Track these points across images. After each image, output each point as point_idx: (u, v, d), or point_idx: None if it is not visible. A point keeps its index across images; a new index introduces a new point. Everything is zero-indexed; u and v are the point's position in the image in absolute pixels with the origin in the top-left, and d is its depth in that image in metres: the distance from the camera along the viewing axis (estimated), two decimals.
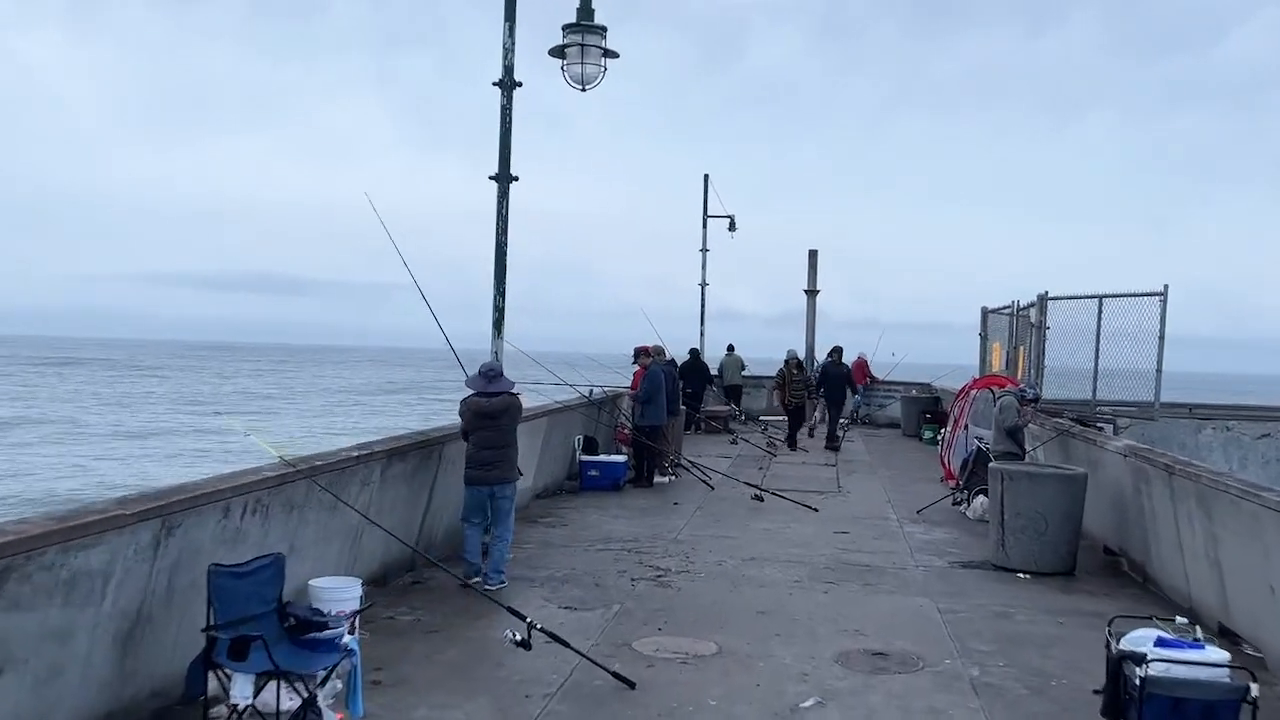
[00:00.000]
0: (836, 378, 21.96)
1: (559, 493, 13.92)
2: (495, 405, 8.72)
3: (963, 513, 13.32)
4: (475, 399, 8.72)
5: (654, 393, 14.87)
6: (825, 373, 22.15)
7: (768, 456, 19.10)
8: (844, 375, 22.25)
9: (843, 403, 22.33)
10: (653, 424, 15.00)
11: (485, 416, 8.69)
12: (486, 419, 8.68)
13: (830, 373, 22.02)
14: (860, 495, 14.93)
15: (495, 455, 8.72)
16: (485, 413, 8.69)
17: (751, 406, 27.88)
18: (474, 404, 8.71)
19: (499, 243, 9.95)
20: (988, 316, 20.66)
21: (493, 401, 8.72)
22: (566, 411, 14.22)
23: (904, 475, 17.32)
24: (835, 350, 22.54)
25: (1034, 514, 9.95)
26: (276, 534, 6.61)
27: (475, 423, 8.69)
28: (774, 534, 11.64)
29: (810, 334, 27.86)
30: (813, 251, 28.24)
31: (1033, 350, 15.53)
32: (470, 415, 8.71)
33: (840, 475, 17.00)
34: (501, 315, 9.99)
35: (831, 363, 22.22)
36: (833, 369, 22.06)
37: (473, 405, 8.71)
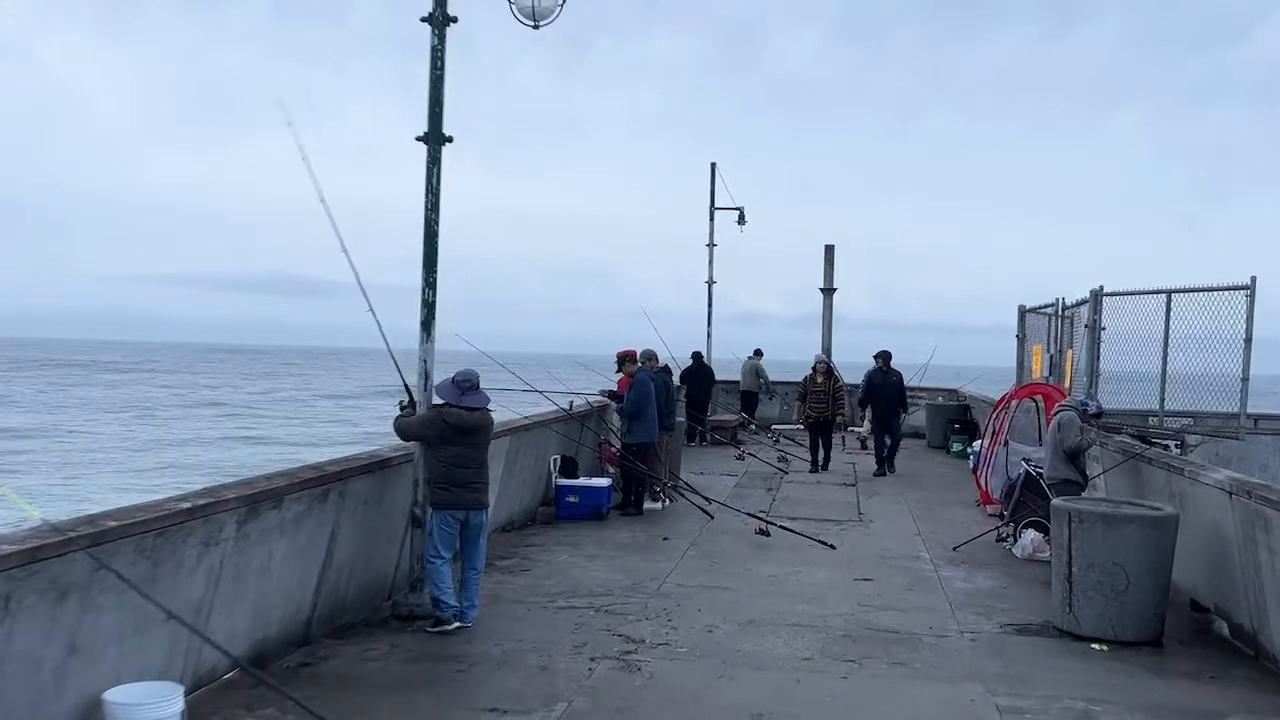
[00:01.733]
0: (886, 390, 17.52)
1: (529, 524, 11.81)
2: (477, 419, 7.71)
3: (1009, 550, 11.15)
4: (454, 410, 7.60)
5: (642, 405, 12.74)
6: (871, 384, 17.81)
7: (779, 475, 16.92)
8: (895, 386, 17.54)
9: (897, 423, 17.72)
10: (641, 442, 12.87)
11: (464, 431, 7.60)
12: (464, 434, 7.60)
13: (877, 384, 17.63)
14: (885, 524, 12.75)
15: (473, 475, 7.67)
16: (465, 426, 7.60)
17: (766, 415, 25.74)
18: (453, 415, 7.58)
19: (428, 221, 7.85)
20: (1025, 316, 18.43)
21: (473, 416, 7.67)
22: (538, 428, 12.10)
23: (933, 497, 15.12)
24: (883, 355, 17.85)
25: (1110, 566, 7.77)
26: (34, 634, 4.52)
27: (451, 436, 7.56)
28: (781, 582, 9.49)
29: (827, 334, 25.69)
30: (829, 247, 26.11)
31: (1084, 354, 13.32)
32: (446, 427, 7.56)
33: (860, 498, 14.81)
34: (432, 312, 7.88)
35: (879, 370, 17.74)
36: (880, 379, 17.64)
37: (451, 416, 7.58)
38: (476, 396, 7.74)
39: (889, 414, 17.65)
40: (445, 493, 7.58)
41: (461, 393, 7.67)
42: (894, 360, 20.57)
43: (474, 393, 7.73)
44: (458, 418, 7.56)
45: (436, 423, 7.58)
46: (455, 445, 7.57)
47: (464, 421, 7.58)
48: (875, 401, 17.91)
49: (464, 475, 7.59)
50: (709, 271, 25.07)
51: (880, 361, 17.89)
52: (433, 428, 7.59)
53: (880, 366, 17.83)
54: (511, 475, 11.11)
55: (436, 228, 7.85)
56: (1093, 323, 13.16)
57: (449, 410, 7.58)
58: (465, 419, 7.59)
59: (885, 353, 18.02)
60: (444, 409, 7.60)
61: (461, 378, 7.76)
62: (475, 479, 7.68)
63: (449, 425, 7.54)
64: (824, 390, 17.53)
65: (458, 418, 7.56)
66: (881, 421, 17.72)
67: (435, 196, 7.83)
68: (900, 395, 17.73)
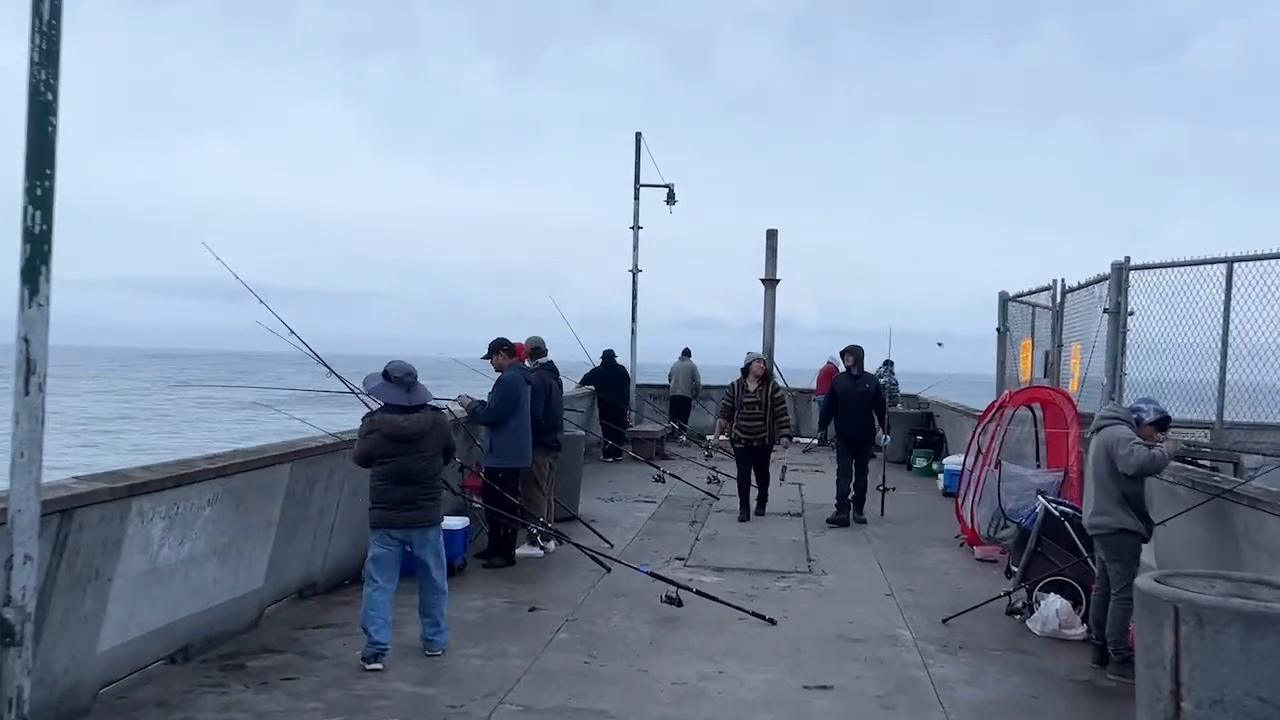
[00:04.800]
0: (856, 402, 12.47)
1: (340, 586, 8.25)
2: (417, 425, 6.63)
3: (1022, 622, 7.84)
4: (388, 418, 6.57)
5: (507, 414, 9.23)
6: (836, 395, 12.79)
7: (706, 503, 13.46)
8: (869, 398, 12.55)
9: (869, 445, 12.70)
10: (506, 466, 9.35)
11: (403, 441, 6.56)
12: (404, 444, 6.56)
13: (845, 394, 12.59)
14: (844, 578, 9.36)
15: (418, 492, 6.59)
16: (404, 435, 6.56)
17: (700, 424, 22.34)
18: (387, 425, 6.57)
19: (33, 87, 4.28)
20: (1008, 305, 15.24)
21: (412, 420, 6.61)
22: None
23: (903, 532, 11.78)
24: (851, 353, 12.73)
25: (1256, 702, 4.43)
26: None
27: (392, 449, 6.53)
28: (693, 698, 6.02)
29: (769, 332, 22.33)
30: (771, 231, 22.73)
31: (1106, 349, 10.06)
32: (380, 440, 6.55)
33: (810, 535, 11.41)
34: (40, 251, 4.28)
35: (847, 375, 12.78)
36: (848, 387, 12.61)
37: (386, 427, 6.56)
38: (419, 391, 6.67)
39: (859, 437, 12.46)
40: (381, 512, 6.52)
41: (406, 390, 6.59)
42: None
43: (415, 388, 6.65)
44: (394, 426, 6.50)
45: (372, 436, 6.54)
46: (398, 457, 6.49)
47: (402, 429, 6.50)
48: (841, 418, 12.58)
49: (404, 492, 6.49)
50: (633, 258, 21.61)
51: (849, 363, 12.74)
52: (368, 441, 6.56)
53: (848, 369, 12.77)
54: (304, 518, 7.53)
55: (51, 97, 4.28)
56: (1117, 307, 9.92)
57: (384, 419, 6.53)
58: (403, 426, 6.51)
59: (854, 349, 12.73)
60: (378, 417, 6.56)
61: (401, 370, 6.62)
62: (419, 495, 6.56)
63: (386, 438, 6.49)
64: (758, 402, 12.19)
65: (394, 426, 6.50)
66: (849, 446, 12.49)
67: (48, 39, 4.26)
68: (877, 410, 12.63)
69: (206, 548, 6.25)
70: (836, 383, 13.00)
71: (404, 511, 6.52)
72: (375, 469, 6.53)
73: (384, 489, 6.51)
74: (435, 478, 6.74)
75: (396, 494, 6.49)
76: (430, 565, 6.70)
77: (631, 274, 21.55)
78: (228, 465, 6.31)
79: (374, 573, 6.50)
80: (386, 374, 6.65)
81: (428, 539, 6.68)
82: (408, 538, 6.59)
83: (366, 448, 6.55)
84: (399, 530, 6.54)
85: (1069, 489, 10.65)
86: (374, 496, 6.56)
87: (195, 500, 6.02)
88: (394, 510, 6.50)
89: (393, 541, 6.55)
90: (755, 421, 12.20)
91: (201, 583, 6.29)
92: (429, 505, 6.66)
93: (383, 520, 6.53)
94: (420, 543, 6.64)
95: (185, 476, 5.85)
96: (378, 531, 6.55)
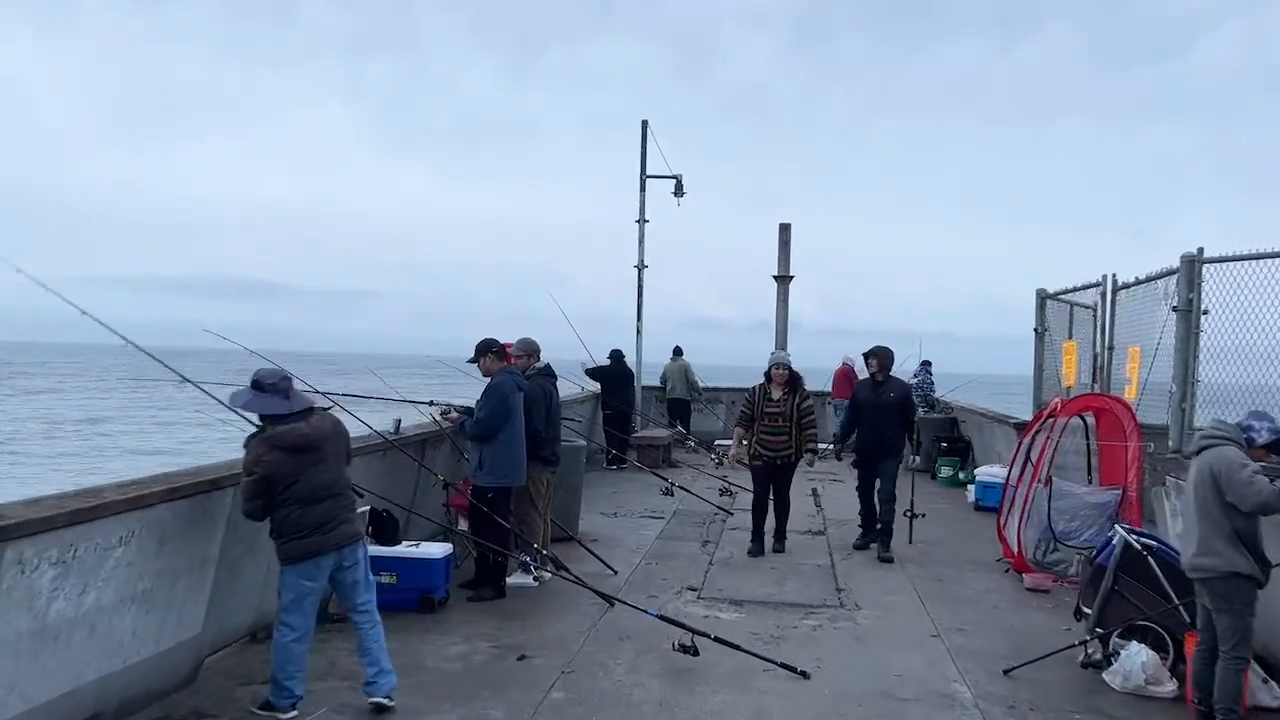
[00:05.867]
0: (879, 412, 10.62)
1: None
2: (319, 428, 5.57)
3: (1098, 676, 6.67)
4: (285, 428, 5.41)
5: (497, 425, 8.07)
6: (858, 405, 10.91)
7: (719, 518, 12.29)
8: (896, 407, 10.65)
9: (895, 464, 10.66)
10: (497, 485, 8.19)
11: (308, 450, 5.45)
12: (310, 453, 5.45)
13: (867, 403, 10.74)
14: (881, 613, 8.19)
15: (338, 505, 5.58)
16: (309, 443, 5.46)
17: (707, 429, 21.21)
18: (288, 436, 5.40)
19: None
20: (1046, 303, 14.05)
21: (313, 424, 5.54)
22: None
23: (938, 555, 10.59)
24: (876, 356, 10.78)
25: None
26: None
27: (297, 465, 5.39)
28: None
29: (782, 333, 21.12)
30: (784, 226, 21.48)
31: (1175, 352, 8.88)
32: (281, 458, 5.36)
33: (836, 561, 10.23)
34: None
35: (870, 382, 10.90)
36: (870, 396, 10.74)
37: (287, 438, 5.40)
38: (298, 398, 5.66)
39: (882, 452, 10.58)
40: (302, 541, 5.46)
41: (286, 398, 5.57)
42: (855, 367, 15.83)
43: (295, 395, 5.66)
44: (298, 435, 5.46)
45: (272, 458, 5.38)
46: (309, 470, 5.46)
47: (307, 437, 5.50)
48: (862, 431, 10.81)
49: (324, 510, 5.52)
50: (639, 253, 20.44)
51: (873, 368, 10.81)
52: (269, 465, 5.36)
53: (872, 375, 10.87)
54: (253, 549, 6.32)
55: None
56: (1189, 304, 8.74)
57: (284, 432, 5.44)
58: (307, 434, 5.50)
59: (879, 352, 10.77)
60: (274, 435, 5.43)
61: (277, 376, 5.63)
62: (340, 509, 5.64)
63: (292, 451, 5.41)
64: (783, 412, 10.22)
65: (298, 435, 5.46)
66: (868, 463, 10.82)
67: None
68: (904, 422, 10.74)
69: (120, 595, 5.10)
70: (858, 390, 11.09)
71: (332, 531, 5.57)
72: (281, 497, 5.44)
73: (299, 514, 5.47)
74: (349, 487, 5.84)
75: (317, 514, 5.52)
76: (362, 588, 5.78)
77: (637, 269, 20.39)
78: (146, 494, 5.15)
79: (293, 619, 5.51)
80: (257, 383, 5.56)
81: (358, 558, 5.76)
82: (338, 561, 5.64)
83: (264, 474, 5.37)
84: (329, 555, 5.58)
85: (1128, 509, 9.51)
86: (287, 528, 5.49)
87: (101, 540, 4.87)
88: (319, 534, 5.52)
89: (320, 573, 5.58)
90: (779, 435, 10.21)
91: (115, 637, 5.15)
92: (352, 518, 5.79)
93: (309, 549, 5.50)
94: (351, 563, 5.70)
95: (85, 512, 4.70)
96: (300, 566, 5.51)
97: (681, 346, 20.90)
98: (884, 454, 10.57)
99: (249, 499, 5.44)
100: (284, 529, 5.48)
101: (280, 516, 5.47)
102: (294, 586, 5.49)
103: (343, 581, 5.71)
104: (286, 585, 5.52)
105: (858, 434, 10.89)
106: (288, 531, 5.47)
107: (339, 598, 5.97)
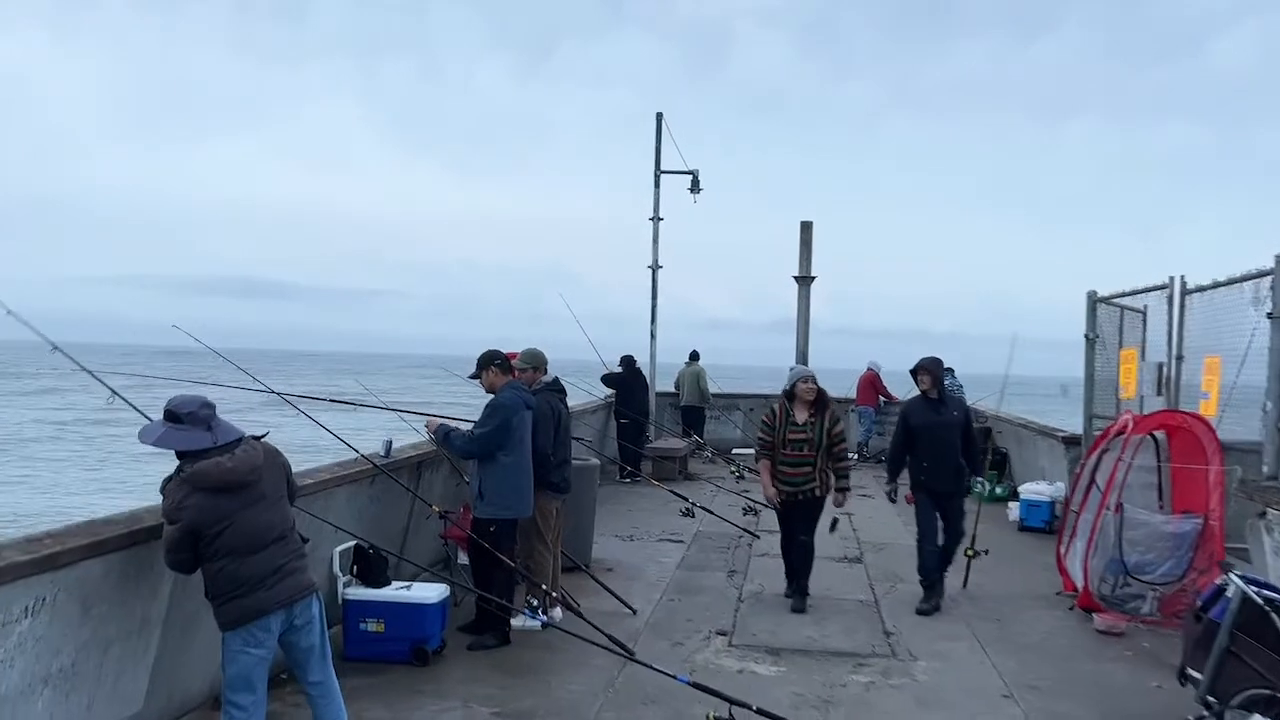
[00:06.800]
0: (939, 435, 8.79)
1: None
2: (248, 459, 4.51)
3: None
4: (205, 465, 4.37)
5: (495, 443, 7.03)
6: (910, 427, 8.91)
7: (744, 541, 11.25)
8: (957, 429, 8.85)
9: (961, 497, 9.00)
10: (500, 517, 7.16)
11: (238, 489, 4.45)
12: (240, 492, 4.45)
13: (921, 426, 8.85)
14: (941, 669, 7.09)
15: (282, 551, 4.57)
16: (237, 480, 4.45)
17: (723, 437, 20.20)
18: (210, 474, 4.37)
19: None
20: (1097, 307, 12.97)
21: (239, 456, 4.48)
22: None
23: (990, 586, 9.49)
24: (926, 371, 8.86)
25: None
26: None
27: (225, 507, 4.40)
28: None
29: (803, 337, 20.08)
30: (805, 224, 20.45)
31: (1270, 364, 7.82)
32: (205, 502, 4.36)
33: (880, 597, 9.16)
34: None
35: (921, 400, 8.96)
36: (927, 416, 8.86)
37: (209, 477, 4.37)
38: (223, 427, 4.54)
39: (947, 485, 8.77)
40: (244, 600, 4.42)
41: (208, 429, 4.47)
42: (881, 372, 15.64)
43: (219, 424, 4.53)
44: (222, 472, 4.40)
45: (191, 502, 4.33)
46: (242, 513, 4.43)
47: (233, 473, 4.43)
48: (920, 461, 8.83)
49: (265, 559, 4.48)
50: (653, 252, 19.44)
51: (924, 385, 8.85)
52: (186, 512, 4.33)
53: (924, 392, 8.91)
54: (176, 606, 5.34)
55: None
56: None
57: (206, 469, 4.36)
58: (232, 468, 4.43)
59: (930, 366, 8.83)
60: (194, 472, 4.37)
61: (195, 404, 4.53)
62: (286, 556, 4.58)
63: (214, 491, 4.36)
64: (809, 438, 8.35)
65: (222, 472, 4.40)
66: (935, 500, 8.80)
67: None
68: (968, 446, 8.91)
69: (27, 678, 4.08)
70: (910, 413, 9.03)
71: (277, 584, 4.54)
72: (210, 549, 4.42)
73: (236, 568, 4.45)
74: (293, 528, 4.77)
75: (256, 566, 4.49)
76: (316, 658, 4.77)
77: (651, 270, 19.40)
78: (61, 552, 4.13)
79: (240, 698, 4.51)
80: (171, 414, 4.49)
81: (312, 614, 4.73)
82: (288, 619, 4.61)
83: (187, 524, 4.35)
84: (278, 613, 4.55)
85: (1209, 541, 8.46)
86: (224, 586, 4.47)
87: (4, 609, 3.87)
88: (263, 590, 4.49)
89: (267, 635, 4.55)
90: (803, 466, 8.34)
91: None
92: (301, 565, 4.73)
93: (252, 609, 4.48)
94: (304, 621, 4.67)
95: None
96: (243, 630, 4.49)
97: (698, 351, 19.88)
98: (953, 489, 8.82)
99: (171, 552, 4.42)
100: (219, 587, 4.47)
101: (213, 572, 4.45)
102: (237, 658, 4.48)
103: (294, 645, 4.68)
104: (229, 656, 4.50)
105: (913, 464, 8.93)
106: (224, 589, 4.46)
107: (290, 666, 4.92)
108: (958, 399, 9.41)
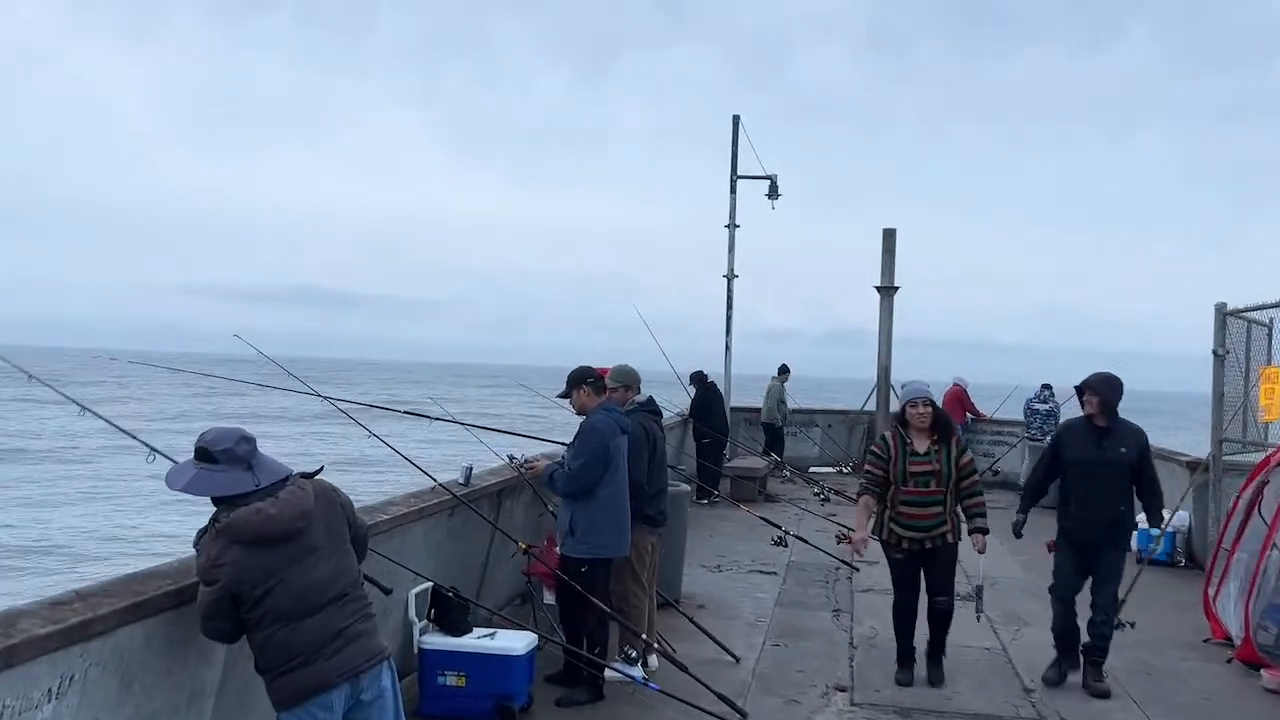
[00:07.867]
0: (1108, 472, 6.97)
1: None
2: (296, 504, 3.69)
3: None
4: (244, 514, 3.59)
5: (595, 477, 6.22)
6: (1062, 455, 7.19)
7: (842, 574, 10.34)
8: (1126, 466, 6.98)
9: (1123, 548, 7.29)
10: (595, 556, 6.34)
11: (285, 541, 3.65)
12: (288, 544, 3.65)
13: (1078, 460, 7.07)
14: None
15: (346, 611, 3.76)
16: (283, 531, 3.64)
17: (801, 454, 19.30)
18: (249, 525, 3.59)
19: None
20: (1228, 321, 11.88)
21: (284, 503, 3.66)
22: None
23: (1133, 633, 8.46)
24: (1095, 391, 7.05)
25: None
26: None
27: (270, 563, 3.62)
28: None
29: (885, 351, 19.07)
30: (889, 231, 19.46)
31: None
32: (245, 558, 3.58)
33: (1007, 643, 8.20)
34: None
35: (1081, 425, 7.19)
36: (1086, 445, 7.06)
37: (248, 529, 3.59)
38: (266, 466, 3.73)
39: (1107, 536, 7.07)
40: (301, 672, 3.63)
41: (247, 469, 3.67)
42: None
43: (260, 461, 3.72)
44: (263, 521, 3.59)
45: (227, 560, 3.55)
46: (277, 579, 3.59)
47: (276, 522, 3.60)
48: (1074, 501, 7.12)
49: (324, 622, 3.66)
50: (729, 262, 18.60)
51: (1090, 408, 7.09)
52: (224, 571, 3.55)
53: (1088, 418, 7.13)
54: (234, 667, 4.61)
55: None
56: None
57: (239, 518, 3.57)
58: (275, 516, 3.61)
59: (1100, 385, 7.09)
60: (231, 519, 3.58)
61: (222, 442, 3.69)
62: (349, 617, 3.75)
63: (254, 545, 3.57)
64: (935, 471, 6.82)
65: (263, 521, 3.59)
66: (1083, 551, 7.14)
67: None
68: (1143, 491, 7.16)
69: None
70: (1065, 440, 7.27)
71: (339, 652, 3.74)
72: (255, 614, 3.62)
73: (286, 635, 3.65)
74: (358, 582, 3.95)
75: (312, 631, 3.68)
76: None
77: (726, 279, 18.55)
78: (93, 620, 3.40)
79: None
80: (204, 451, 3.69)
81: (383, 687, 3.89)
82: (355, 694, 3.79)
83: (225, 586, 3.59)
84: (341, 687, 3.73)
85: None
86: (274, 659, 3.69)
87: (12, 700, 3.13)
88: (321, 659, 3.68)
89: (329, 715, 3.73)
90: (932, 506, 6.80)
91: None
92: (368, 627, 3.89)
93: (309, 684, 3.68)
94: (373, 695, 3.84)
95: None
96: (300, 710, 3.70)
97: (787, 365, 19.08)
98: (1110, 539, 7.06)
99: (208, 620, 3.66)
100: (268, 659, 3.71)
101: (259, 641, 3.68)
102: None
103: None
104: None
105: (1059, 504, 7.31)
106: (274, 662, 3.69)
107: None
108: (1134, 429, 7.11)
